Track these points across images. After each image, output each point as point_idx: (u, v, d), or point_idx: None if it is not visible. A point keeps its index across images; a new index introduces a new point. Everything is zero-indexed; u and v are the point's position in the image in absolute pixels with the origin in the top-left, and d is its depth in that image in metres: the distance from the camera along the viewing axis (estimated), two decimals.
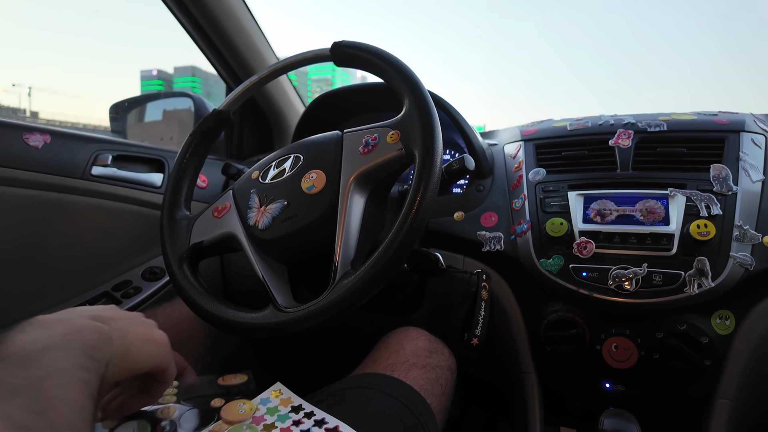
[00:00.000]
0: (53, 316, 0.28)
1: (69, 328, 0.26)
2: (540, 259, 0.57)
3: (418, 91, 0.45)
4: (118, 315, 0.32)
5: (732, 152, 0.59)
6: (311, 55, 0.55)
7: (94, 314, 0.30)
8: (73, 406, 0.21)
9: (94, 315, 0.30)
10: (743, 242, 0.51)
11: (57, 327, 0.26)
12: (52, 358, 0.24)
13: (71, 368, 0.24)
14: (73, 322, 0.27)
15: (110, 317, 0.30)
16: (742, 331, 0.51)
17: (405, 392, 0.45)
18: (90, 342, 0.27)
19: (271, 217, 0.48)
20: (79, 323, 0.27)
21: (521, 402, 0.60)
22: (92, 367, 0.25)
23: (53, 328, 0.26)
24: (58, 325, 0.26)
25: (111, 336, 0.28)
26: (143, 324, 0.33)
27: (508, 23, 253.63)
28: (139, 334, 0.32)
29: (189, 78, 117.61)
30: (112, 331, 0.29)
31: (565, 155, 0.65)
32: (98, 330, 0.28)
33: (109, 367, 0.27)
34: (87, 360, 0.25)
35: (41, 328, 0.26)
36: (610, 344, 0.54)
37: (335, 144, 0.49)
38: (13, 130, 0.65)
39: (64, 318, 0.28)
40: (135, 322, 0.33)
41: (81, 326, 0.27)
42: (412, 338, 0.54)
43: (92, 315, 0.29)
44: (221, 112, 0.58)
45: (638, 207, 0.56)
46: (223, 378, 0.44)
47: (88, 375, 0.24)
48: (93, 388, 0.24)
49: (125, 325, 0.31)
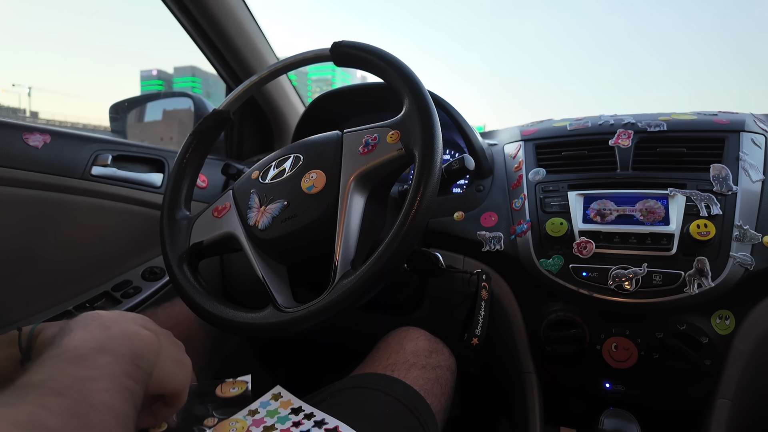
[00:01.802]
0: (110, 315, 0.27)
1: (123, 332, 0.26)
2: (540, 259, 0.57)
3: (418, 91, 0.45)
4: (158, 329, 0.31)
5: (732, 152, 0.59)
6: (311, 55, 0.55)
7: (144, 324, 0.29)
8: (117, 414, 0.21)
9: (145, 324, 0.29)
10: (743, 242, 0.51)
11: (113, 328, 0.26)
12: (104, 362, 0.23)
13: (120, 375, 0.23)
14: (127, 327, 0.27)
15: (156, 330, 0.30)
16: (742, 331, 0.51)
17: (405, 392, 0.45)
18: (139, 351, 0.26)
19: (271, 217, 0.48)
20: (132, 329, 0.27)
21: (521, 402, 0.60)
22: (138, 377, 0.25)
23: (110, 329, 0.26)
24: (115, 327, 0.26)
25: (159, 348, 0.28)
26: (176, 344, 0.33)
27: (508, 23, 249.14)
28: (173, 353, 0.31)
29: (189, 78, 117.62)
30: (160, 343, 0.29)
31: (565, 155, 0.65)
32: (149, 340, 0.28)
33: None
34: (135, 369, 0.25)
35: (101, 327, 0.26)
36: (610, 344, 0.54)
37: (335, 144, 0.49)
38: (13, 130, 0.65)
39: (119, 320, 0.27)
40: (170, 340, 0.32)
41: (134, 333, 0.27)
42: (412, 338, 0.54)
43: (143, 324, 0.29)
44: (221, 112, 0.58)
45: (638, 207, 0.56)
46: (221, 388, 0.43)
47: (133, 384, 0.24)
48: (137, 398, 0.24)
49: (163, 341, 0.30)
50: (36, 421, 0.17)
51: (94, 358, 0.23)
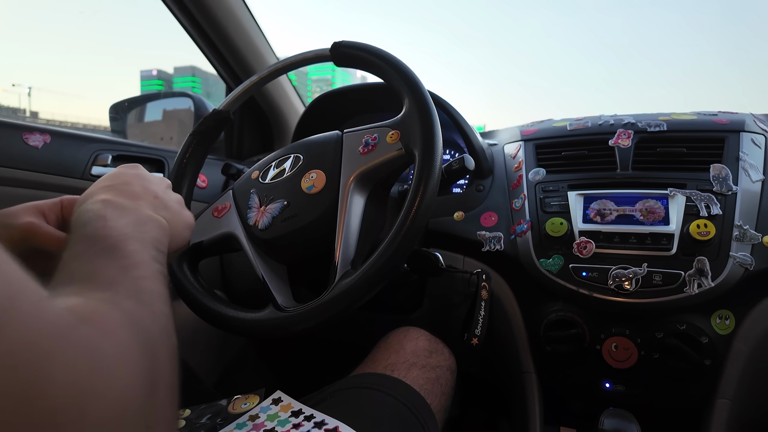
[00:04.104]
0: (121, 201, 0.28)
1: (137, 218, 0.27)
2: (540, 259, 0.57)
3: (417, 91, 0.45)
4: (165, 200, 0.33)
5: (732, 152, 0.59)
6: (311, 55, 0.55)
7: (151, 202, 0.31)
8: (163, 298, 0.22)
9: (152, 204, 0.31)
10: (743, 242, 0.51)
11: (128, 215, 0.27)
12: (133, 249, 0.24)
13: (149, 260, 0.24)
14: (139, 213, 0.28)
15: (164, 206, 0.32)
16: (742, 330, 0.51)
17: (405, 392, 0.45)
18: (156, 235, 0.28)
19: (271, 216, 0.48)
20: (144, 215, 0.28)
21: (521, 402, 0.60)
22: (161, 259, 0.26)
23: (125, 216, 0.27)
24: (130, 214, 0.27)
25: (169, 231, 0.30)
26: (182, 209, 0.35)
27: (508, 23, 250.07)
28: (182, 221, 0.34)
29: (189, 78, 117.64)
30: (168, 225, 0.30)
31: (565, 155, 0.65)
32: (160, 225, 0.29)
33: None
34: (157, 253, 0.26)
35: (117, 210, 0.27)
36: (610, 344, 0.54)
37: (335, 144, 0.49)
38: (13, 130, 0.65)
39: (131, 208, 0.28)
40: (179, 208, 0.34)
41: (147, 218, 0.28)
42: (412, 338, 0.54)
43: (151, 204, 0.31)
44: (221, 112, 0.58)
45: (638, 207, 0.56)
46: (233, 405, 0.42)
47: (160, 267, 0.25)
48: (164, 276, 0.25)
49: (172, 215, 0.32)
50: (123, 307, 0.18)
51: (124, 247, 0.24)
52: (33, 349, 0.11)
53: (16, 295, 0.12)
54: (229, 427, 0.38)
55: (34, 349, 0.11)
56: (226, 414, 0.41)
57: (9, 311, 0.11)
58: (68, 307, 0.16)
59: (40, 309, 0.13)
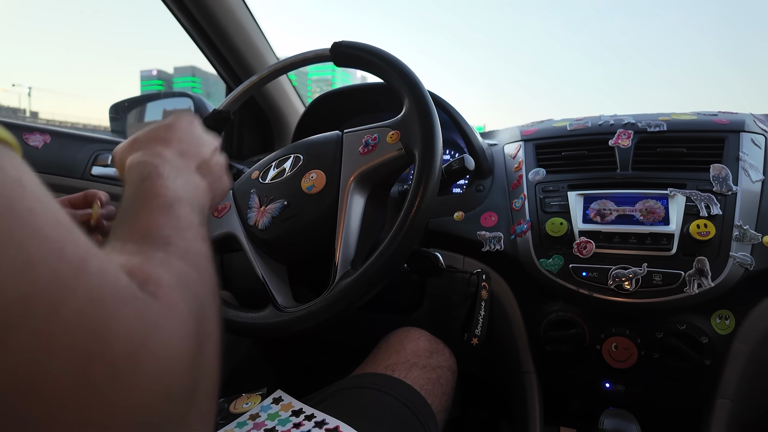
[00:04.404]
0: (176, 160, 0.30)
1: (189, 180, 0.29)
2: (540, 259, 0.57)
3: (417, 91, 0.45)
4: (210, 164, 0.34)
5: (732, 152, 0.59)
6: (311, 55, 0.55)
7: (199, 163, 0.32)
8: (209, 260, 0.24)
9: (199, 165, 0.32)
10: (743, 242, 0.51)
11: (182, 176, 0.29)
12: (184, 212, 0.25)
13: (197, 223, 0.26)
14: (190, 175, 0.30)
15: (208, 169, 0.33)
16: (742, 330, 0.51)
17: (406, 392, 0.45)
18: (201, 199, 0.29)
19: (270, 217, 0.48)
20: (194, 178, 0.30)
21: (521, 402, 0.60)
22: (205, 222, 0.27)
23: (180, 176, 0.28)
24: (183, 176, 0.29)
25: (209, 195, 0.32)
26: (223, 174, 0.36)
27: (508, 24, 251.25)
28: (220, 187, 0.35)
29: (189, 78, 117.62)
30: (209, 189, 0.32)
31: (565, 155, 0.65)
32: (204, 190, 0.31)
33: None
34: (202, 216, 0.27)
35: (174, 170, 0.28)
36: (610, 344, 0.54)
37: (335, 144, 0.49)
38: (13, 130, 0.65)
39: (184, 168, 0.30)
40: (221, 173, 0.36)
41: (196, 182, 0.30)
42: (413, 338, 0.54)
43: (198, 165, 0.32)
44: (221, 112, 0.58)
45: (638, 207, 0.56)
46: (235, 404, 0.43)
47: (204, 231, 0.26)
48: (208, 238, 0.26)
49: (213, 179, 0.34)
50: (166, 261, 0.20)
51: (177, 208, 0.25)
52: (98, 310, 0.12)
53: (85, 258, 0.13)
54: (229, 426, 0.38)
55: (99, 309, 0.12)
56: (227, 413, 0.41)
57: (80, 274, 0.12)
58: (128, 268, 0.17)
59: (105, 272, 0.14)
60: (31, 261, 0.10)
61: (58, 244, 0.11)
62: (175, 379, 0.15)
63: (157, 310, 0.15)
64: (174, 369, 0.15)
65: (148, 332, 0.14)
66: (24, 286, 0.10)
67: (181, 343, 0.16)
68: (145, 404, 0.13)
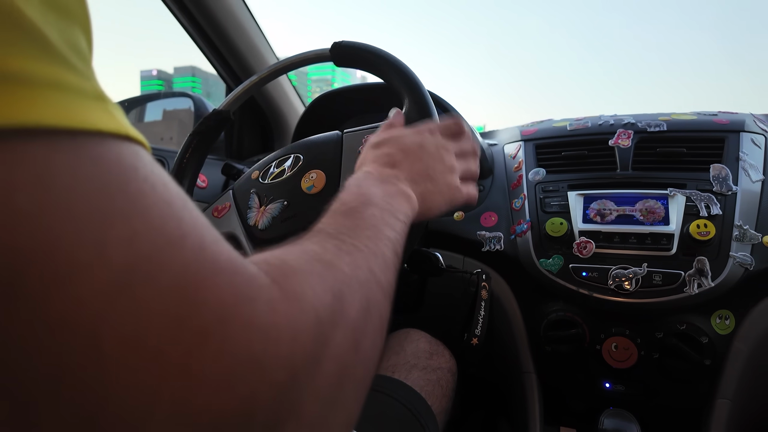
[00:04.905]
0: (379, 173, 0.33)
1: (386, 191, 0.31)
2: (540, 259, 0.57)
3: (417, 91, 0.45)
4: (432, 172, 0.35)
5: (732, 152, 0.59)
6: (311, 55, 0.55)
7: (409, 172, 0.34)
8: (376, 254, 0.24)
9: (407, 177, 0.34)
10: (743, 242, 0.51)
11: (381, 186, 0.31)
12: (369, 213, 0.27)
13: (381, 224, 0.27)
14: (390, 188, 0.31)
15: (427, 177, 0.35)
16: (742, 330, 0.51)
17: (406, 394, 0.45)
18: (401, 207, 0.30)
19: (270, 217, 0.48)
20: (393, 191, 0.31)
21: (521, 402, 0.60)
22: (398, 228, 0.29)
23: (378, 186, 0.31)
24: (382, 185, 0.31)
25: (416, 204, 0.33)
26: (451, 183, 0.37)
27: (508, 23, 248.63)
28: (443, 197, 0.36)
29: (189, 78, 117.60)
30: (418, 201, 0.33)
31: (565, 155, 0.65)
32: (409, 198, 0.32)
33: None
34: (395, 221, 0.29)
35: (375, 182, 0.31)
36: (610, 344, 0.54)
37: (335, 144, 0.49)
38: None
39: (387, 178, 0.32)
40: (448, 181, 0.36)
41: (396, 193, 0.31)
42: (413, 340, 0.54)
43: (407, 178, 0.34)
44: (221, 112, 0.58)
45: (638, 207, 0.56)
46: None
47: (393, 233, 0.27)
48: (396, 244, 0.27)
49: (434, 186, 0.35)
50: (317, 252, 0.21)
51: (363, 210, 0.27)
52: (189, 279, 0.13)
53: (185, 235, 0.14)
54: None
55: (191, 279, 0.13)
56: None
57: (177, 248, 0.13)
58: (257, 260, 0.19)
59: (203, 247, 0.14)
60: (136, 232, 0.12)
61: (159, 221, 0.13)
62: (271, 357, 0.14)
63: (259, 286, 0.16)
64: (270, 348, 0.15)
65: (240, 303, 0.14)
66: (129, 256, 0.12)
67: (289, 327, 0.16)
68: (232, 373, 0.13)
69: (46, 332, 0.10)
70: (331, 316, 0.18)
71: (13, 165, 0.10)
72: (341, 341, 0.18)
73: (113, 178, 0.12)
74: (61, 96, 0.12)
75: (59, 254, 0.10)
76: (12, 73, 0.11)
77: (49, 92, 0.11)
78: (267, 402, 0.14)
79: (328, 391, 0.17)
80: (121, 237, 0.12)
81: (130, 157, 0.13)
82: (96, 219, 0.11)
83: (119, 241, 0.11)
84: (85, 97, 0.12)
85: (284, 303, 0.16)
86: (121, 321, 0.11)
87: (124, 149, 0.13)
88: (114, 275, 0.11)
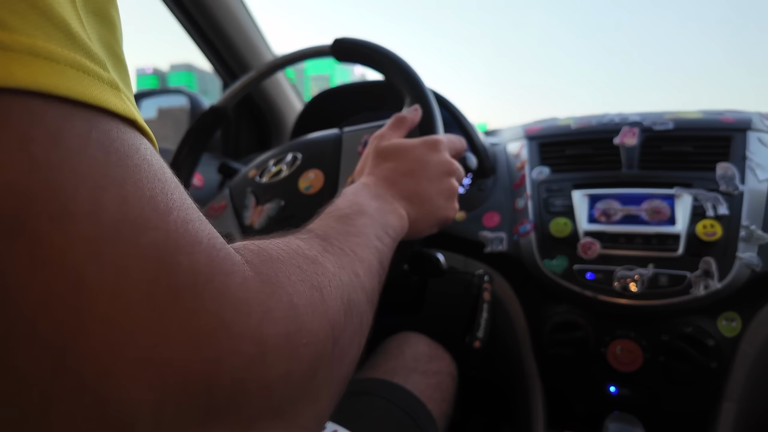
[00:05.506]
0: (375, 190, 0.34)
1: (381, 207, 0.32)
2: (543, 260, 0.56)
3: (419, 88, 0.44)
4: (424, 195, 0.36)
5: (738, 151, 0.58)
6: (312, 50, 0.53)
7: (402, 190, 0.35)
8: (362, 260, 0.26)
9: (403, 197, 0.35)
10: (750, 243, 0.51)
11: (375, 202, 0.32)
12: (361, 222, 0.28)
13: (371, 234, 0.28)
14: (384, 205, 0.32)
15: (418, 199, 0.35)
16: (749, 333, 0.51)
17: (405, 398, 0.44)
18: (391, 223, 0.32)
19: (267, 217, 0.47)
20: (387, 207, 0.33)
21: (524, 406, 0.60)
22: (386, 241, 0.30)
23: (373, 200, 0.32)
24: (376, 200, 0.32)
25: (406, 223, 0.34)
26: (444, 203, 0.38)
27: (511, 21, 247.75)
28: (433, 217, 0.37)
29: (184, 74, 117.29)
30: (409, 221, 0.34)
31: (569, 154, 0.64)
32: (400, 217, 0.33)
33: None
34: (384, 234, 0.30)
35: (370, 196, 0.32)
36: (615, 347, 0.53)
37: (334, 143, 0.48)
38: None
39: (381, 195, 0.33)
40: (439, 202, 0.37)
41: (389, 210, 0.33)
42: (412, 343, 0.53)
43: (402, 198, 0.35)
44: (218, 109, 0.57)
45: (644, 206, 0.55)
46: None
47: (380, 245, 0.29)
48: (383, 255, 0.29)
49: (421, 207, 0.36)
50: (300, 247, 0.22)
51: (355, 218, 0.28)
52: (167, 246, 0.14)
53: (170, 209, 0.15)
54: None
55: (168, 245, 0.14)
56: None
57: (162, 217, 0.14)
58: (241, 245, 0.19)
59: (186, 221, 0.15)
60: (126, 198, 0.13)
61: (150, 194, 0.14)
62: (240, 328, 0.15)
63: (233, 263, 0.16)
64: (241, 319, 0.15)
65: (214, 273, 0.15)
66: (117, 216, 0.13)
67: (261, 305, 0.16)
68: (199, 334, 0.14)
69: (39, 265, 0.11)
70: (309, 305, 0.19)
71: (32, 122, 0.12)
72: (317, 331, 0.19)
73: (114, 150, 0.14)
74: (78, 75, 0.13)
75: (61, 200, 0.12)
76: (36, 49, 0.12)
77: (69, 70, 0.13)
78: (231, 369, 0.15)
79: (299, 376, 0.18)
80: (113, 200, 0.13)
81: (133, 139, 0.15)
82: (94, 180, 0.13)
83: (111, 203, 0.13)
84: (101, 82, 0.14)
85: (256, 282, 0.17)
86: (104, 268, 0.12)
87: (130, 132, 0.15)
88: (103, 230, 0.12)
